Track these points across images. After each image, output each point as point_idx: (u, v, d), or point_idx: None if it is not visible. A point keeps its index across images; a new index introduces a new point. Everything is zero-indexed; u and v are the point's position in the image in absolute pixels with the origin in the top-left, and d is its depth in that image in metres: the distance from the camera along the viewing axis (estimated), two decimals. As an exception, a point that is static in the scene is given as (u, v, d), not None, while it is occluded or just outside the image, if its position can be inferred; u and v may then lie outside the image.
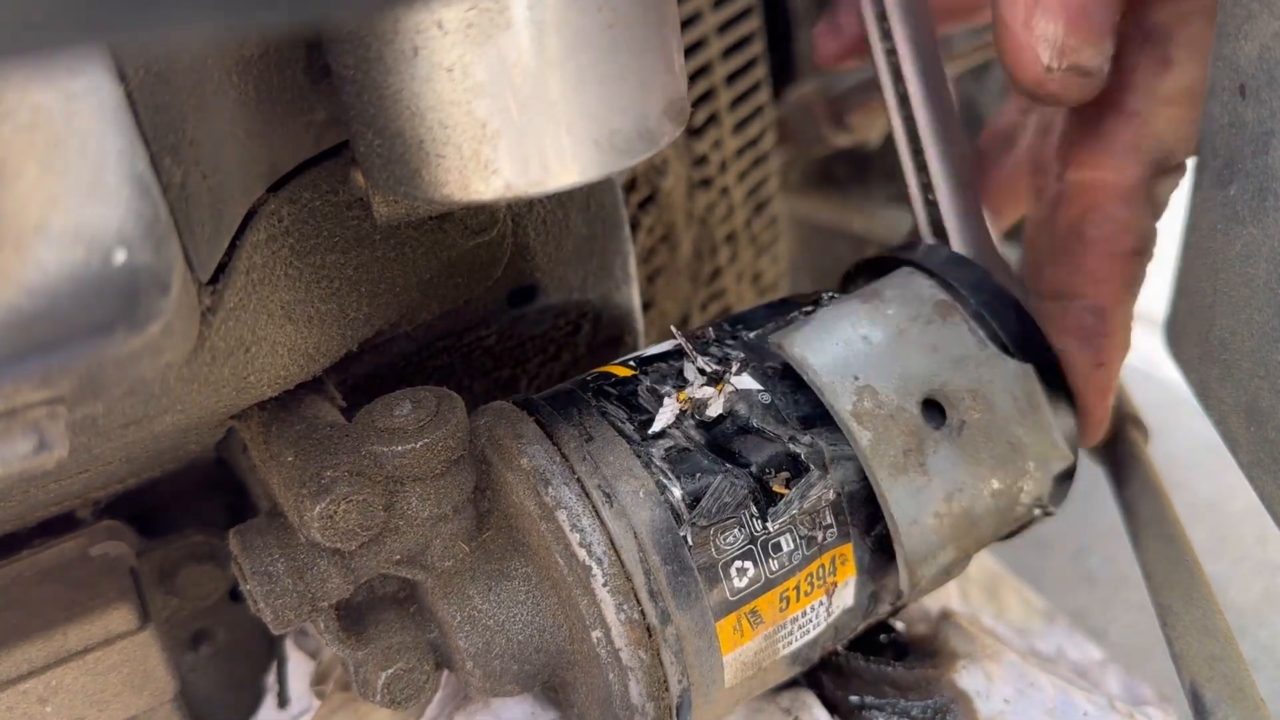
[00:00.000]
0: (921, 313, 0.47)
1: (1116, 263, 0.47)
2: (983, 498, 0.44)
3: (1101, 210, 0.46)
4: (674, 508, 0.41)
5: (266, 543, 0.41)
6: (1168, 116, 0.44)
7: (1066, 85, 0.42)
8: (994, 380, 0.46)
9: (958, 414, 0.44)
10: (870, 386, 0.44)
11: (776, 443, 0.43)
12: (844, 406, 0.43)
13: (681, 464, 0.42)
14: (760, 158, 0.87)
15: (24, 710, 0.47)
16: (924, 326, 0.46)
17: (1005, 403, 0.45)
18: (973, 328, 0.47)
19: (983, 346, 0.46)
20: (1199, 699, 0.42)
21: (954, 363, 0.45)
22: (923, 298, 0.47)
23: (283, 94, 0.37)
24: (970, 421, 0.44)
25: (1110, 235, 0.46)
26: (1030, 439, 0.46)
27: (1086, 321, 0.47)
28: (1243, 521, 1.14)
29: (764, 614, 0.43)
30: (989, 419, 0.45)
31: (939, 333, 0.46)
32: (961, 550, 0.45)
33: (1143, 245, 0.47)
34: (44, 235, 0.25)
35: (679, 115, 0.36)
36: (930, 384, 0.45)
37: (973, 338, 0.46)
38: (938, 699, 0.50)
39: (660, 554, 0.40)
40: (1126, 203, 0.46)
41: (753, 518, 0.42)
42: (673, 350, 0.46)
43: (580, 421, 0.43)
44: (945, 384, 0.45)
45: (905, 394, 0.44)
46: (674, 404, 0.43)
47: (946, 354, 0.46)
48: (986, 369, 0.46)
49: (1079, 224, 0.47)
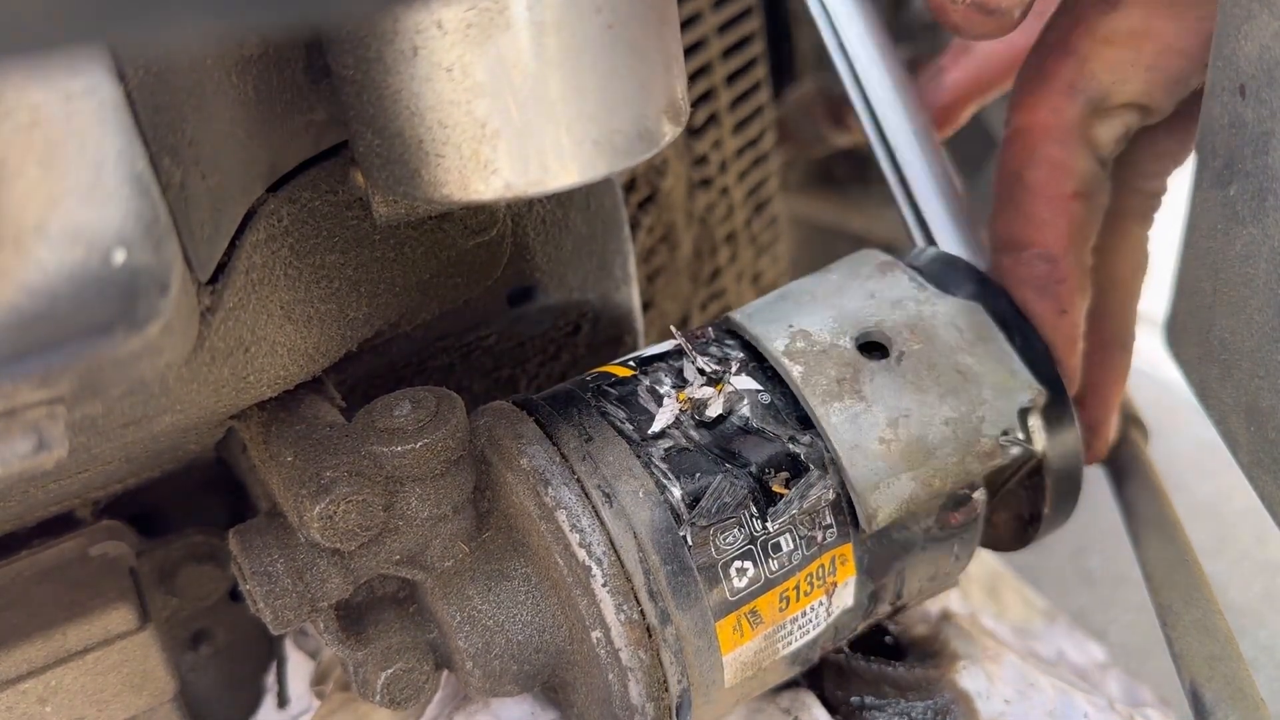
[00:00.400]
0: (862, 271, 0.48)
1: (1059, 205, 0.46)
2: (934, 425, 0.44)
3: (1038, 152, 0.46)
4: (674, 508, 0.41)
5: (266, 543, 0.41)
6: (1106, 57, 0.44)
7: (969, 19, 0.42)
8: (934, 315, 0.46)
9: (896, 347, 0.45)
10: (804, 330, 0.45)
11: (776, 443, 0.43)
12: (776, 347, 0.44)
13: (681, 464, 0.42)
14: (760, 158, 0.87)
15: (24, 710, 0.47)
16: (863, 281, 0.47)
17: (948, 334, 0.46)
18: (912, 276, 0.47)
19: (921, 289, 0.47)
20: (1199, 699, 0.42)
21: (891, 304, 0.46)
22: (866, 261, 0.48)
23: (282, 94, 0.37)
24: (910, 352, 0.45)
25: (1049, 178, 0.46)
26: (982, 367, 0.45)
27: (1039, 269, 0.47)
28: (1243, 521, 1.14)
29: (764, 614, 0.43)
30: (929, 349, 0.45)
31: (877, 283, 0.47)
32: (921, 482, 0.43)
33: (1084, 188, 0.46)
34: (43, 235, 0.25)
35: (679, 115, 0.36)
36: (865, 323, 0.45)
37: (911, 284, 0.47)
38: (938, 699, 0.50)
39: (660, 554, 0.40)
40: (1062, 144, 0.46)
41: (752, 518, 0.42)
42: (673, 350, 0.46)
43: (580, 421, 0.43)
44: (881, 322, 0.45)
45: (839, 333, 0.45)
46: (673, 404, 0.43)
47: (883, 297, 0.47)
48: (926, 306, 0.46)
49: (1019, 169, 0.47)
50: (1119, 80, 0.44)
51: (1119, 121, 0.46)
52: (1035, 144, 0.46)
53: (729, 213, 0.85)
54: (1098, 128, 0.46)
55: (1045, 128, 0.46)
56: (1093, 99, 0.45)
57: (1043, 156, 0.46)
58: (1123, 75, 0.44)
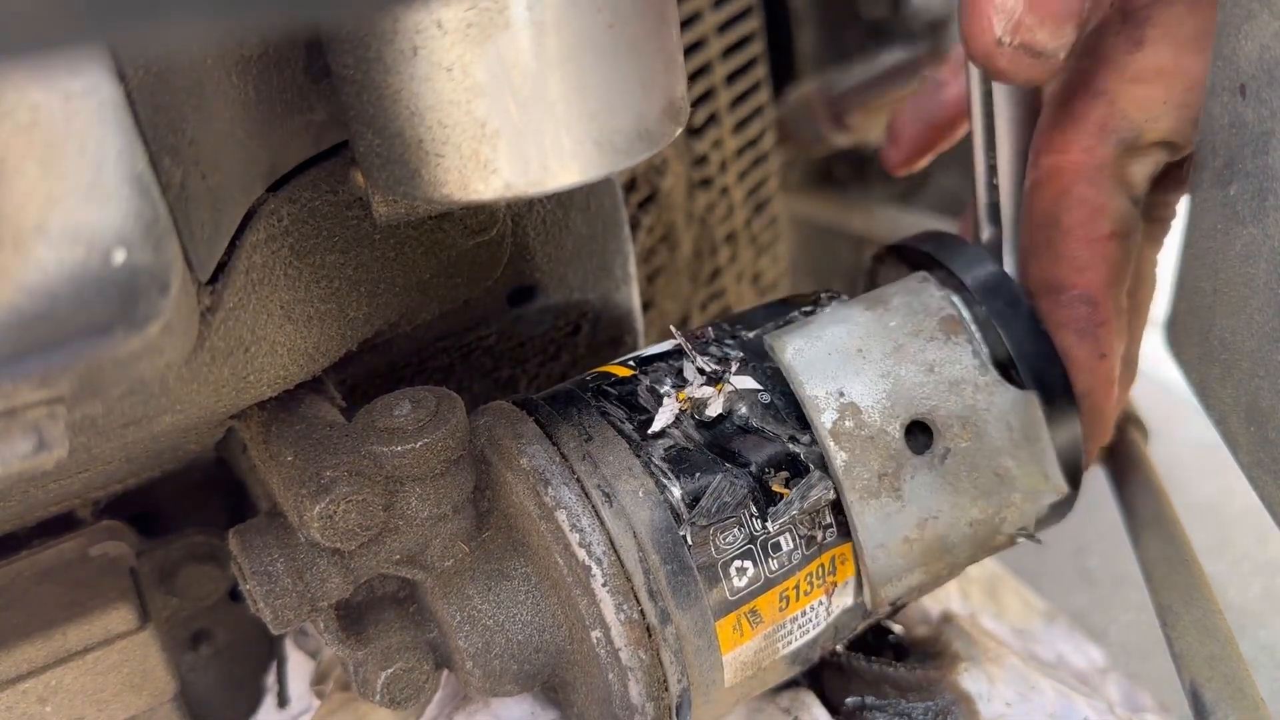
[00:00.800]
0: (924, 327, 0.45)
1: (1097, 247, 0.46)
2: (959, 526, 0.44)
3: (1072, 194, 0.46)
4: (673, 507, 0.41)
5: (266, 543, 0.41)
6: (1136, 95, 0.44)
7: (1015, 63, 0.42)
8: (989, 408, 0.44)
9: (944, 441, 0.43)
10: (854, 405, 0.43)
11: (776, 442, 0.43)
12: (823, 424, 0.42)
13: (681, 463, 0.42)
14: (760, 158, 0.87)
15: (24, 710, 0.47)
16: (924, 343, 0.44)
17: (998, 432, 0.44)
18: (977, 348, 0.45)
19: (983, 371, 0.44)
20: (1199, 699, 0.42)
21: (949, 386, 0.44)
22: (929, 310, 0.45)
23: (282, 94, 0.37)
24: (956, 450, 0.43)
25: (1085, 219, 0.45)
26: (1020, 470, 0.44)
27: (1080, 312, 0.46)
28: (1243, 521, 1.14)
29: (763, 613, 0.43)
30: (976, 448, 0.44)
31: (939, 351, 0.44)
32: (931, 574, 0.44)
33: (1120, 228, 0.46)
34: (43, 235, 0.25)
35: (679, 115, 0.36)
36: (919, 407, 0.43)
37: (974, 360, 0.44)
38: (939, 700, 0.50)
39: (660, 553, 0.40)
40: (1095, 184, 0.45)
41: (752, 517, 0.42)
42: (673, 350, 0.46)
43: (580, 421, 0.43)
44: (935, 408, 0.44)
45: (890, 416, 0.43)
46: (673, 404, 0.43)
47: (942, 375, 0.44)
48: (983, 395, 0.44)
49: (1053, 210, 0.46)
50: (1150, 118, 0.44)
51: (1151, 160, 0.45)
52: (1069, 185, 0.46)
53: (729, 213, 0.85)
54: (1131, 167, 0.45)
55: (1078, 169, 0.45)
56: (1125, 139, 0.45)
57: (1077, 198, 0.45)
58: (1154, 113, 0.44)
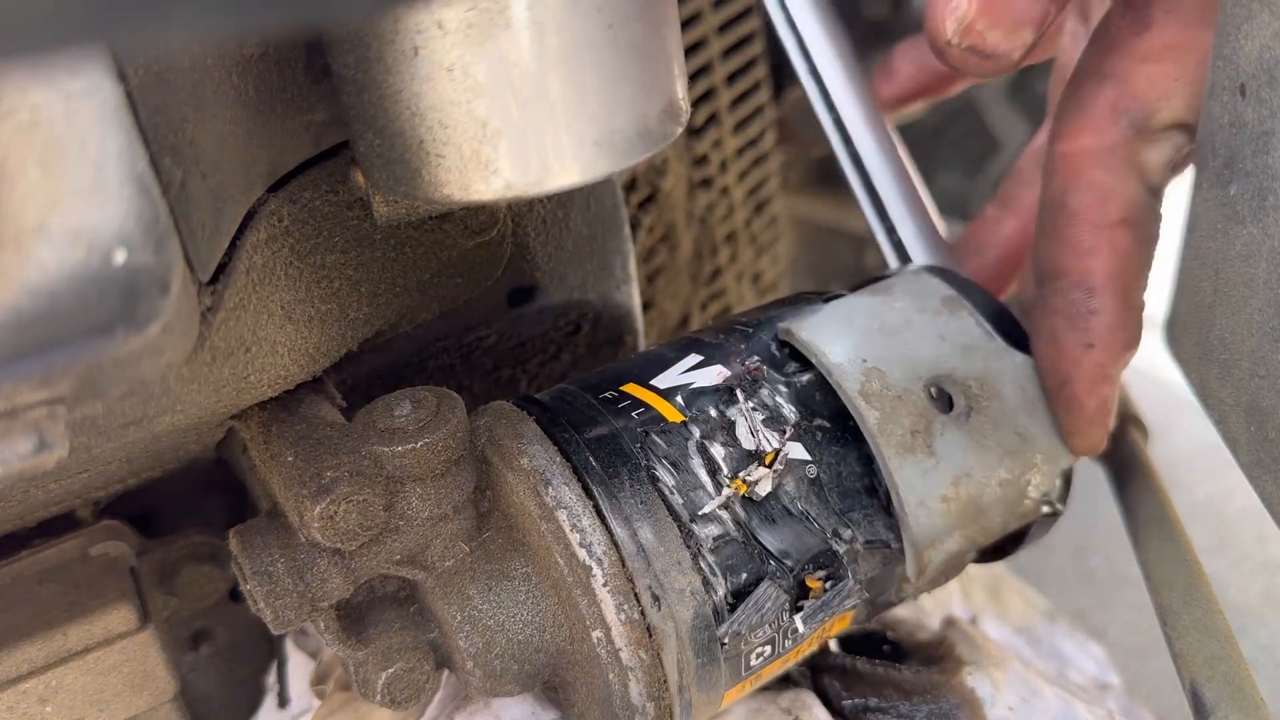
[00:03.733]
0: (929, 305, 0.47)
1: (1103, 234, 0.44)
2: (990, 486, 0.44)
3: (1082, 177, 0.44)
4: (716, 607, 0.41)
5: (266, 543, 0.41)
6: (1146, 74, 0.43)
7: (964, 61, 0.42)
8: (1002, 370, 0.46)
9: (965, 400, 0.45)
10: (878, 369, 0.44)
11: (819, 537, 0.43)
12: (851, 387, 0.43)
13: (728, 559, 0.41)
14: (760, 158, 0.87)
15: (24, 710, 0.47)
16: (931, 317, 0.47)
17: (1012, 393, 0.45)
18: (979, 321, 0.47)
19: (990, 338, 0.46)
20: (1199, 698, 0.42)
21: (962, 351, 0.46)
22: (930, 292, 0.48)
23: (283, 94, 0.37)
24: (978, 408, 0.45)
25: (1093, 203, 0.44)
26: (1038, 430, 0.46)
27: (1074, 297, 0.45)
28: (1243, 521, 1.14)
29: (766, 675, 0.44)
30: (997, 407, 0.45)
31: (946, 323, 0.46)
32: (967, 539, 0.44)
33: (1132, 215, 0.44)
34: (44, 235, 0.25)
35: (679, 115, 0.36)
36: (937, 369, 0.45)
37: (980, 329, 0.47)
38: (942, 704, 0.50)
39: (694, 648, 0.41)
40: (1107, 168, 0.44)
41: (783, 613, 0.42)
42: (722, 388, 0.45)
43: (634, 492, 0.41)
44: (953, 370, 0.45)
45: (913, 378, 0.44)
46: (729, 490, 0.42)
47: (954, 342, 0.46)
48: (995, 359, 0.46)
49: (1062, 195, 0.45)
50: (1162, 97, 0.43)
51: (1167, 145, 0.44)
52: (1080, 169, 0.44)
53: (729, 213, 0.85)
54: (1145, 152, 0.44)
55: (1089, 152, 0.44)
56: (1137, 120, 0.43)
57: (1087, 182, 0.44)
58: (1166, 91, 0.43)
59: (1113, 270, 0.44)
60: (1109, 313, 0.44)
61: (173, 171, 0.30)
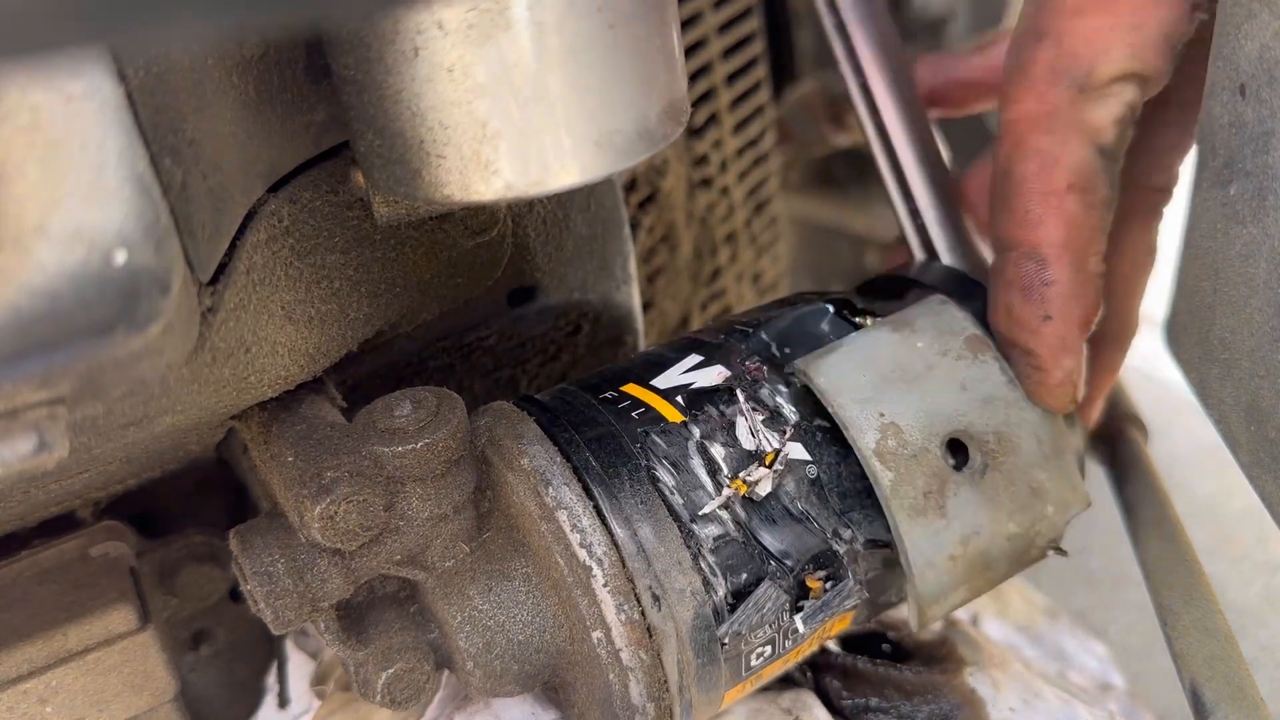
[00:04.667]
0: (952, 347, 0.46)
1: (1052, 201, 0.42)
2: (999, 541, 0.44)
3: (1025, 145, 0.43)
4: (716, 607, 0.41)
5: (266, 543, 0.41)
6: (1080, 29, 0.41)
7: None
8: (1021, 423, 0.45)
9: (981, 456, 0.44)
10: (895, 424, 0.43)
11: (819, 537, 0.43)
12: (867, 445, 0.42)
13: (728, 559, 0.41)
14: (760, 158, 0.87)
15: (24, 710, 0.47)
16: (954, 362, 0.45)
17: (1030, 446, 0.45)
18: (1004, 366, 0.45)
19: (1012, 387, 0.45)
20: (1199, 698, 0.42)
21: (982, 402, 0.45)
22: (954, 330, 0.46)
23: (283, 94, 0.37)
24: (994, 465, 0.44)
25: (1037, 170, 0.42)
26: (1051, 483, 0.45)
27: (1025, 268, 0.43)
28: (1243, 521, 1.14)
29: (767, 674, 0.44)
30: (1012, 462, 0.44)
31: (969, 370, 0.45)
32: (973, 591, 0.45)
33: (1080, 180, 0.42)
34: (44, 236, 0.25)
35: (679, 115, 0.36)
36: (955, 424, 0.44)
37: (1003, 377, 0.45)
38: (943, 704, 0.50)
39: (694, 649, 0.41)
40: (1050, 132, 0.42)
41: (784, 614, 0.42)
42: (722, 388, 0.45)
43: (634, 492, 0.41)
44: (971, 424, 0.44)
45: (930, 434, 0.43)
46: (729, 490, 0.42)
47: (975, 393, 0.45)
48: (1015, 411, 0.45)
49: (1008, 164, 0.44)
50: (1100, 50, 0.41)
51: (1115, 101, 0.42)
52: (1022, 136, 0.43)
53: (729, 213, 0.85)
54: (1091, 110, 0.42)
55: (1032, 118, 0.42)
56: (1077, 78, 0.41)
57: (1031, 148, 0.43)
58: (1103, 43, 0.41)
59: (1062, 239, 0.43)
60: (1064, 283, 0.43)
61: (173, 171, 0.30)
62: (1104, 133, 0.42)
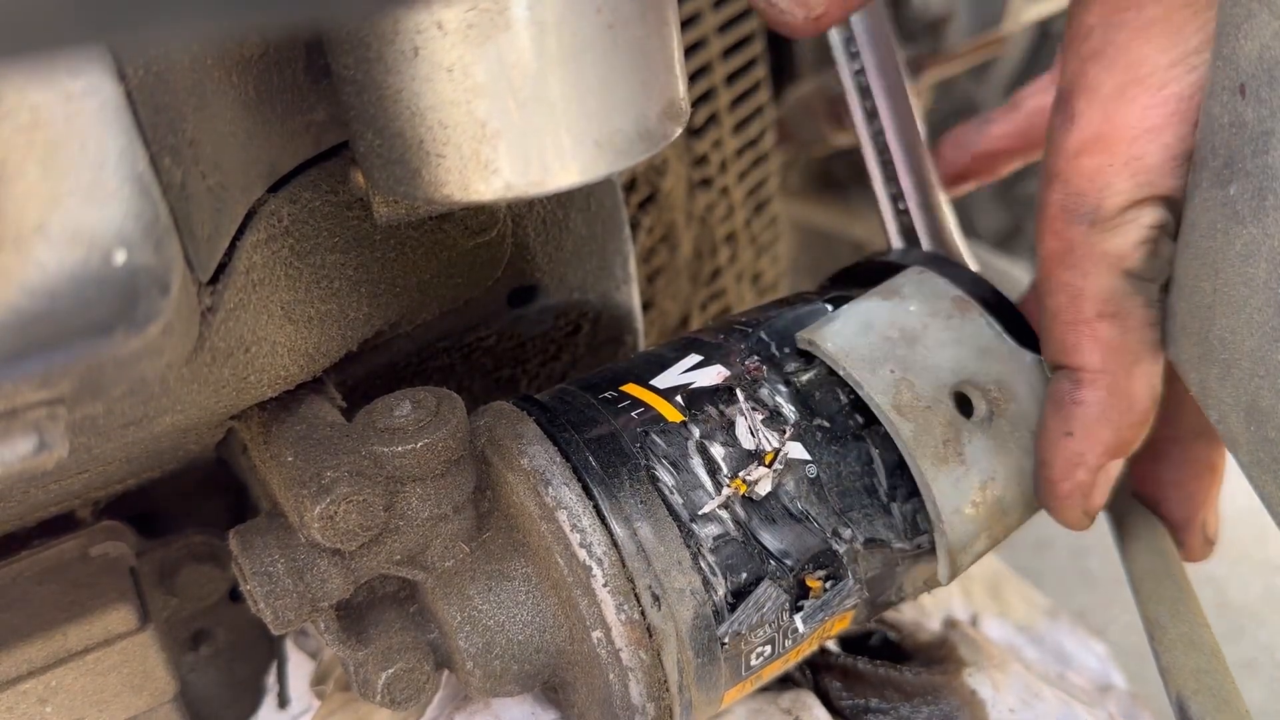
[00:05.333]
0: (941, 308, 0.48)
1: (1083, 330, 0.44)
2: (1011, 486, 0.45)
3: (1052, 279, 0.44)
4: (716, 607, 0.41)
5: (266, 543, 0.41)
6: (1082, 169, 0.42)
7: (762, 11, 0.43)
8: (1016, 371, 0.47)
9: (986, 404, 0.46)
10: (906, 379, 0.45)
11: (818, 536, 0.43)
12: (884, 400, 0.44)
13: (728, 559, 0.41)
14: (760, 158, 0.87)
15: (24, 710, 0.47)
16: (945, 320, 0.47)
17: (1026, 393, 0.47)
18: (990, 321, 0.48)
19: (1001, 339, 0.47)
20: (1185, 711, 0.42)
21: (979, 354, 0.47)
22: (940, 294, 0.48)
23: (283, 94, 0.37)
24: (999, 411, 0.46)
25: (1065, 304, 0.44)
26: None
27: (1061, 385, 0.45)
28: (1243, 521, 1.14)
29: (766, 674, 0.44)
30: (1015, 409, 0.46)
31: (961, 327, 0.47)
32: (991, 539, 0.45)
33: (1109, 307, 0.44)
34: (44, 235, 0.25)
35: (679, 115, 0.36)
36: (960, 375, 0.46)
37: (991, 331, 0.47)
38: (943, 705, 0.50)
39: (694, 648, 0.41)
40: (1072, 266, 0.44)
41: (783, 613, 0.42)
42: (721, 388, 0.45)
43: (633, 492, 0.41)
44: (974, 375, 0.46)
45: (939, 386, 0.45)
46: (729, 489, 0.42)
47: (970, 346, 0.47)
48: (1009, 361, 0.47)
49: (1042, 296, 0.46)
50: (1103, 186, 0.42)
51: (1133, 227, 0.43)
52: (1050, 272, 0.44)
53: (729, 213, 0.85)
54: (1109, 241, 0.43)
55: (1054, 255, 0.44)
56: (1086, 214, 0.43)
57: (1057, 284, 0.44)
58: (1104, 180, 0.42)
59: (1099, 363, 0.44)
60: (1092, 405, 0.44)
61: (173, 171, 0.30)
62: (1128, 258, 0.43)
